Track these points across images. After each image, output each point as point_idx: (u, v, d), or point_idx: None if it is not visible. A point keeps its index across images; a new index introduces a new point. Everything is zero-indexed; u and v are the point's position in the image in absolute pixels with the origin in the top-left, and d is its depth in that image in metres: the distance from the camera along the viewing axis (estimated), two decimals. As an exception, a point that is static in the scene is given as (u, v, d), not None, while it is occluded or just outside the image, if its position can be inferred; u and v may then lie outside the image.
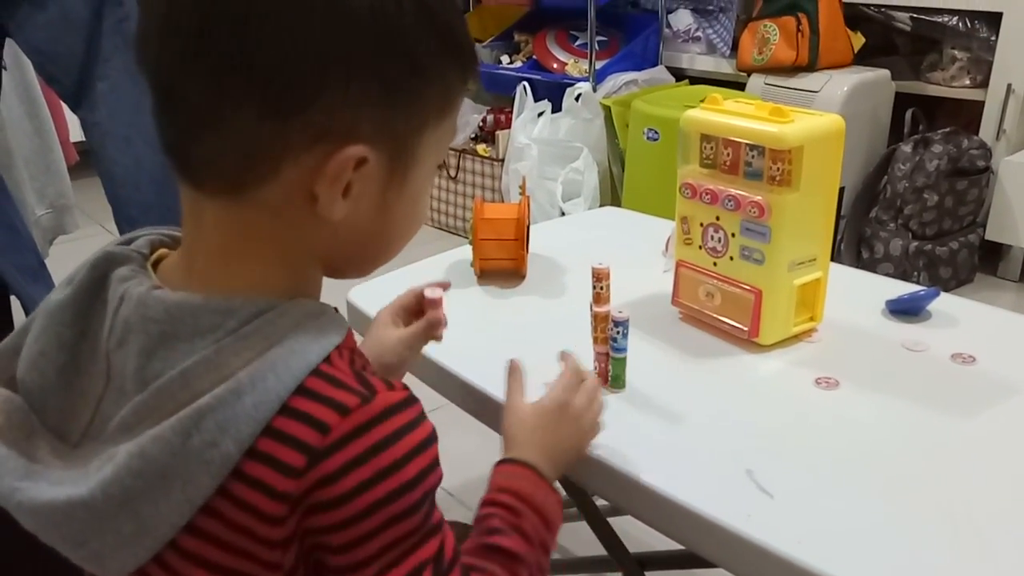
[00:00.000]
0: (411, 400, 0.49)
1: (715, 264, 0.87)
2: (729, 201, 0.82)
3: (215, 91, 0.45)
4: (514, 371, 0.70)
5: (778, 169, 0.79)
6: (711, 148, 0.85)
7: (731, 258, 0.85)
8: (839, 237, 2.24)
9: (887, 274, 2.13)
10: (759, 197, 0.80)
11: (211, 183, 0.49)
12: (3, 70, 1.58)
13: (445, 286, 0.76)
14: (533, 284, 1.04)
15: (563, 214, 2.41)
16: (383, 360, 0.73)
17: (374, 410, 0.46)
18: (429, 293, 0.74)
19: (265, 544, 0.46)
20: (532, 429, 0.66)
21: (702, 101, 0.88)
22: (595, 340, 0.78)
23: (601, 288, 0.77)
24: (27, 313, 1.60)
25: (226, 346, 0.46)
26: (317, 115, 0.46)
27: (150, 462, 0.44)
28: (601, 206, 2.44)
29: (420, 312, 0.76)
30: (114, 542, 0.46)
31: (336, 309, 0.52)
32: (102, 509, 0.45)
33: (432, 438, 0.49)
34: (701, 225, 0.87)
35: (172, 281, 0.51)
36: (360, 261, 0.55)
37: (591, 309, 0.78)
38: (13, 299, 1.60)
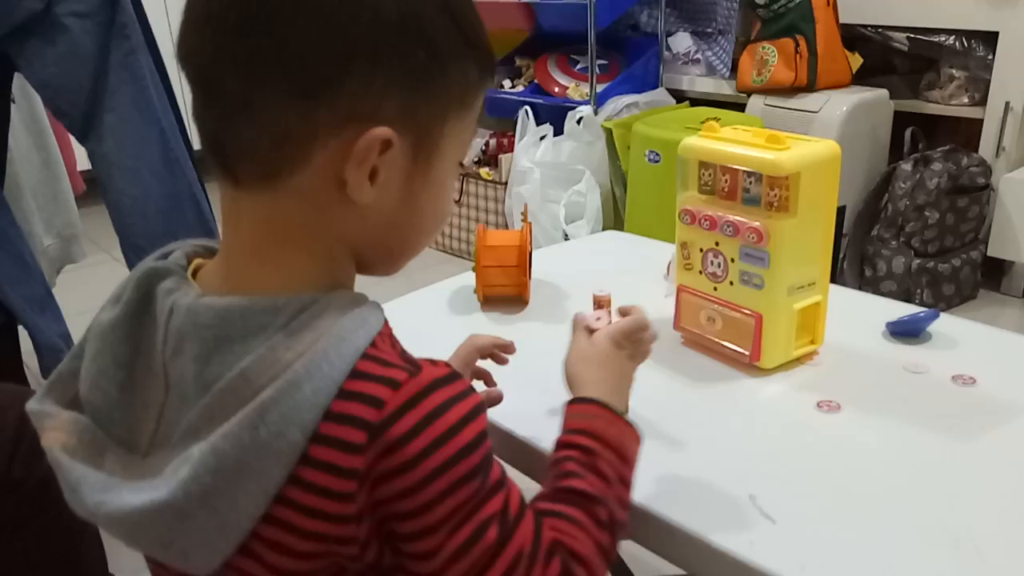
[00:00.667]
0: (456, 375, 0.51)
1: (715, 289, 0.88)
2: (728, 227, 0.83)
3: (248, 78, 0.48)
4: (578, 319, 0.73)
5: (776, 195, 0.80)
6: (709, 175, 0.86)
7: (731, 283, 0.86)
8: (842, 255, 2.25)
9: (890, 291, 2.14)
10: (757, 223, 0.81)
11: (246, 173, 0.51)
12: (12, 103, 1.60)
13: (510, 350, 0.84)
14: (536, 310, 1.05)
15: (566, 236, 2.43)
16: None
17: (422, 382, 0.48)
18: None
19: (338, 521, 0.48)
20: (596, 364, 0.69)
21: (703, 123, 0.90)
22: None
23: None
24: (35, 343, 1.62)
25: (278, 343, 0.48)
26: (344, 98, 0.49)
27: (224, 458, 0.47)
28: (604, 227, 2.46)
29: (495, 355, 0.84)
30: (199, 539, 0.48)
31: (369, 298, 0.54)
32: (184, 508, 0.47)
33: (482, 407, 0.51)
34: (701, 250, 0.88)
35: (212, 286, 0.54)
36: (388, 252, 0.57)
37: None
38: (21, 328, 1.62)
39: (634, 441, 0.65)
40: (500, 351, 0.84)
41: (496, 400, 0.81)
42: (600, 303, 0.78)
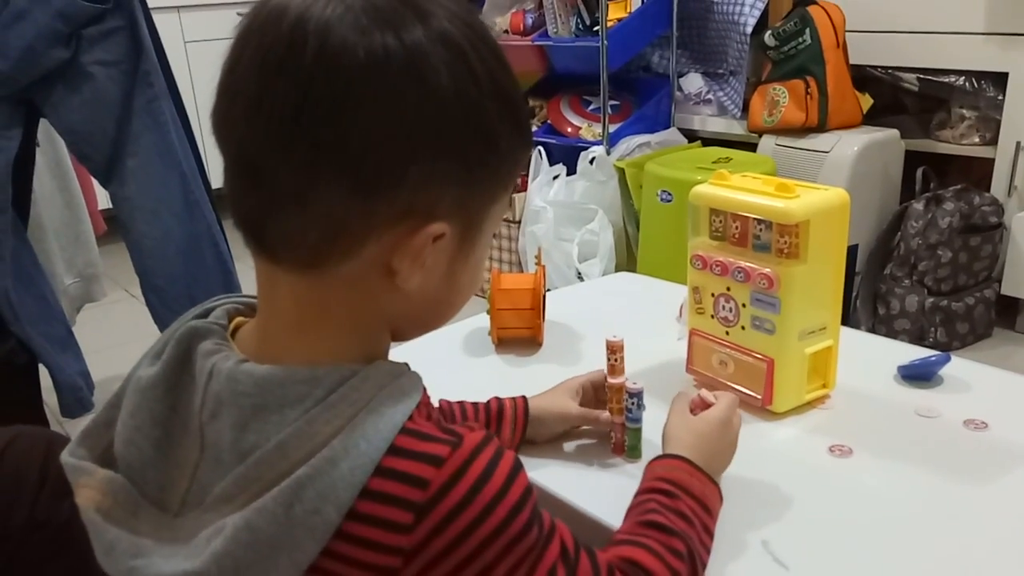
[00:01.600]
0: (491, 436, 0.51)
1: (727, 333, 0.89)
2: (739, 273, 0.84)
3: (305, 172, 0.47)
4: (683, 395, 0.76)
5: (785, 242, 0.81)
6: (720, 221, 0.87)
7: (743, 327, 0.87)
8: (854, 294, 2.25)
9: (903, 330, 2.14)
10: (768, 269, 0.82)
11: (288, 258, 0.51)
12: (37, 147, 1.64)
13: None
14: (550, 352, 1.06)
15: (579, 274, 2.44)
16: (541, 416, 0.81)
17: (465, 452, 0.48)
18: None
19: None
20: (697, 435, 0.70)
21: (714, 162, 0.91)
22: (611, 411, 0.80)
23: (615, 360, 0.79)
24: (55, 381, 1.64)
25: (316, 416, 0.48)
26: (404, 193, 0.48)
27: (257, 533, 0.47)
28: (616, 266, 2.47)
29: (596, 395, 0.84)
30: None
31: (408, 366, 0.55)
32: None
33: (519, 463, 0.51)
34: (712, 295, 0.89)
35: (250, 349, 0.53)
36: (424, 324, 0.58)
37: (606, 380, 0.80)
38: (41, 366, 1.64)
39: (716, 498, 0.67)
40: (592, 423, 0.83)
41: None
42: (613, 348, 0.79)
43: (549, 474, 0.78)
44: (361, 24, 0.46)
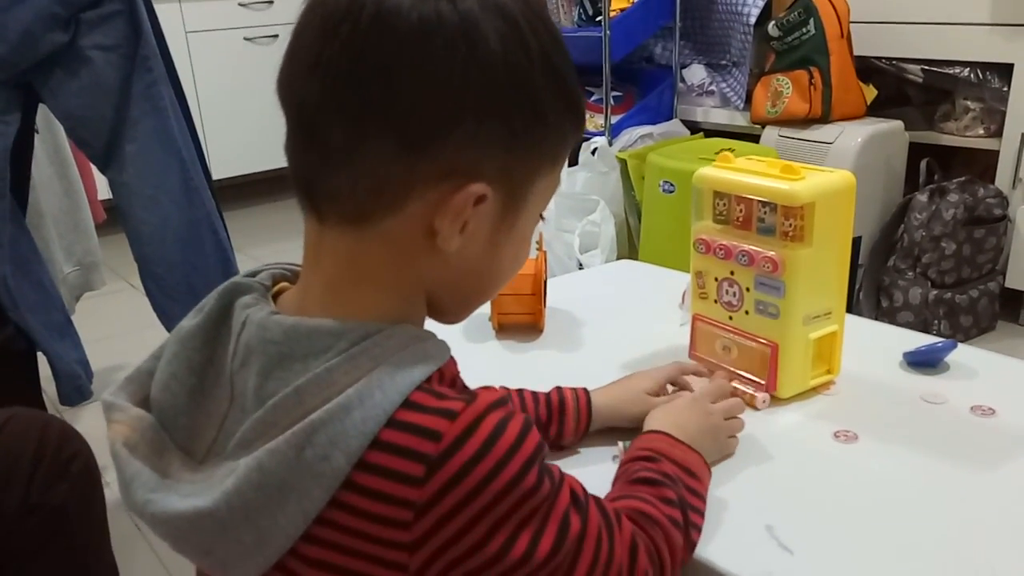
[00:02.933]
0: (506, 398, 0.51)
1: (731, 318, 0.87)
2: (743, 256, 0.83)
3: (355, 128, 0.49)
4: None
5: (791, 225, 0.80)
6: (724, 204, 0.86)
7: (746, 312, 0.86)
8: (858, 286, 2.24)
9: (907, 322, 2.13)
10: (772, 253, 0.81)
11: (336, 214, 0.52)
12: (36, 133, 1.63)
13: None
14: (550, 338, 1.05)
15: (581, 266, 2.43)
16: (610, 414, 0.80)
17: (479, 408, 0.49)
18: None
19: (388, 545, 0.48)
20: (664, 411, 0.75)
21: (717, 154, 0.90)
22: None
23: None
24: (53, 369, 1.63)
25: (336, 366, 0.49)
26: (448, 153, 0.50)
27: (268, 475, 0.47)
28: (618, 257, 2.46)
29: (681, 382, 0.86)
30: (237, 551, 0.49)
31: (435, 335, 0.55)
32: (226, 520, 0.48)
33: (531, 421, 0.51)
34: (716, 280, 0.88)
35: (288, 309, 0.54)
36: (463, 298, 0.59)
37: None
38: (40, 355, 1.63)
39: (701, 465, 0.69)
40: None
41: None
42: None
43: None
44: None
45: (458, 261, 0.53)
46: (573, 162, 2.59)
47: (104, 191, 2.01)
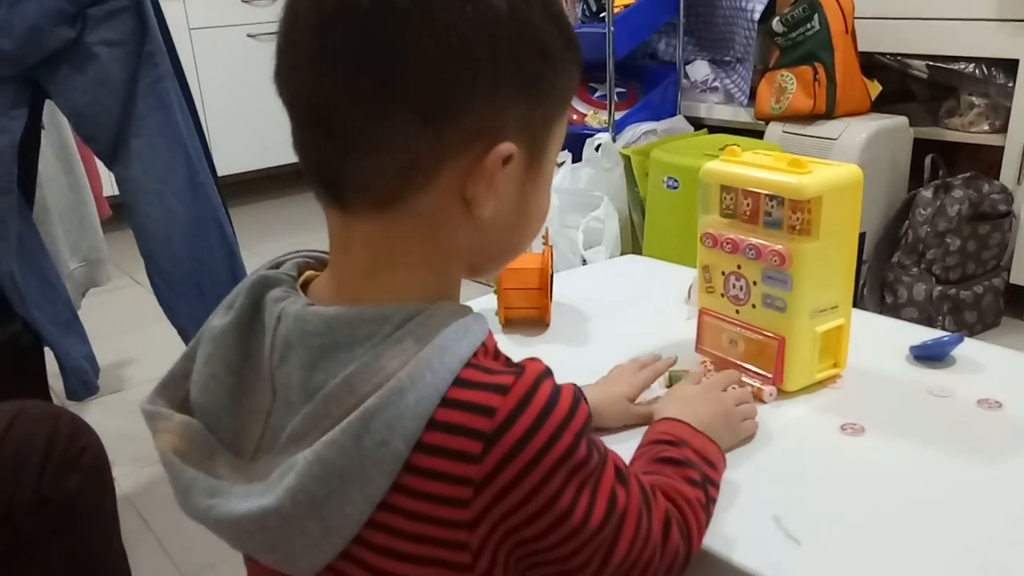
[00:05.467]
0: (550, 368, 0.51)
1: (737, 312, 0.88)
2: (750, 250, 0.83)
3: (377, 114, 0.48)
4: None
5: (798, 219, 0.80)
6: (731, 198, 0.86)
7: (753, 306, 0.86)
8: (862, 282, 2.24)
9: (911, 319, 2.13)
10: (780, 246, 0.81)
11: (364, 202, 0.51)
12: (42, 129, 1.64)
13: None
14: (557, 332, 1.05)
15: (585, 262, 2.43)
16: (598, 410, 0.77)
17: (529, 380, 0.49)
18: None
19: (449, 526, 0.49)
20: (677, 400, 0.76)
21: (721, 150, 0.90)
22: None
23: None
24: (60, 364, 1.64)
25: (383, 351, 0.49)
26: (472, 114, 0.49)
27: (329, 467, 0.47)
28: (622, 253, 2.46)
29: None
30: (304, 544, 0.49)
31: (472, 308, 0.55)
32: (291, 515, 0.48)
33: (581, 390, 0.52)
34: (723, 274, 0.88)
35: (322, 299, 0.54)
36: (500, 255, 0.59)
37: None
38: (47, 350, 1.64)
39: (718, 455, 0.70)
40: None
41: None
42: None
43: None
44: None
45: (491, 224, 0.53)
46: (577, 158, 2.59)
47: (110, 187, 2.02)
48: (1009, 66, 2.15)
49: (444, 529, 0.49)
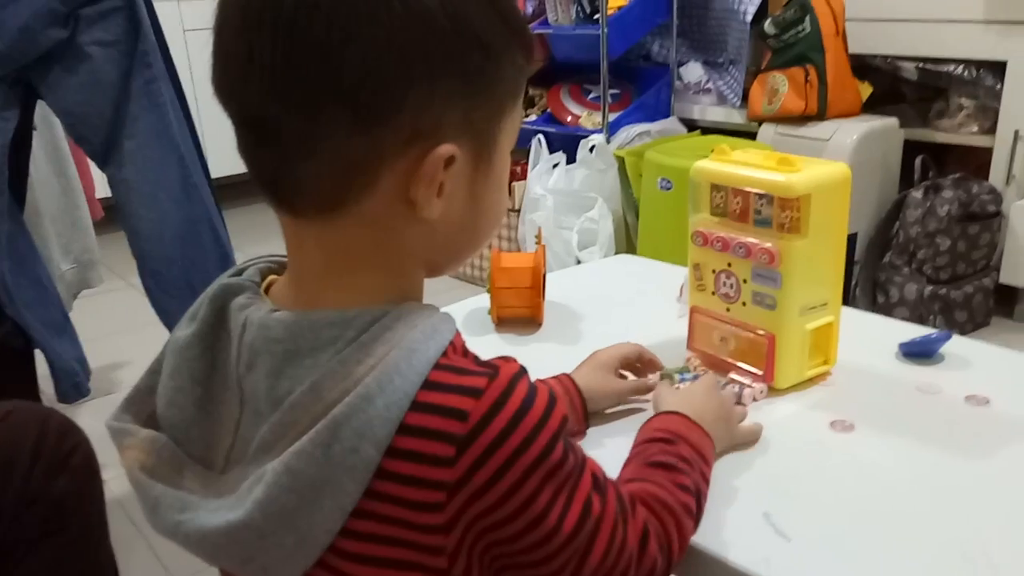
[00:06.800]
0: (524, 368, 0.51)
1: (728, 309, 0.88)
2: (740, 248, 0.84)
3: (308, 116, 0.47)
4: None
5: (787, 216, 0.81)
6: (721, 197, 0.87)
7: (744, 303, 0.86)
8: (854, 282, 2.25)
9: (903, 318, 2.13)
10: (769, 244, 0.82)
11: (309, 207, 0.50)
12: (34, 130, 1.63)
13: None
14: (550, 331, 1.05)
15: (579, 262, 2.43)
16: (592, 392, 0.81)
17: (503, 382, 0.48)
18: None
19: (423, 530, 0.48)
20: (680, 395, 0.75)
21: (714, 151, 0.91)
22: None
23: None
24: (51, 366, 1.63)
25: (348, 356, 0.48)
26: (407, 117, 0.48)
27: (298, 476, 0.47)
28: (616, 254, 2.47)
29: (634, 366, 0.86)
30: (278, 555, 0.48)
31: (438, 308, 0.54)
32: (263, 527, 0.48)
33: (554, 395, 0.51)
34: (713, 272, 0.88)
35: (282, 302, 0.54)
36: (457, 254, 0.57)
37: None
38: (38, 353, 1.63)
39: (711, 450, 0.70)
40: (644, 366, 0.87)
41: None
42: None
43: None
44: None
45: (443, 224, 0.52)
46: (571, 160, 2.60)
47: (102, 189, 2.01)
48: (997, 68, 2.17)
49: (419, 533, 0.48)
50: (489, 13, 0.50)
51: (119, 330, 2.38)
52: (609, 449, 0.75)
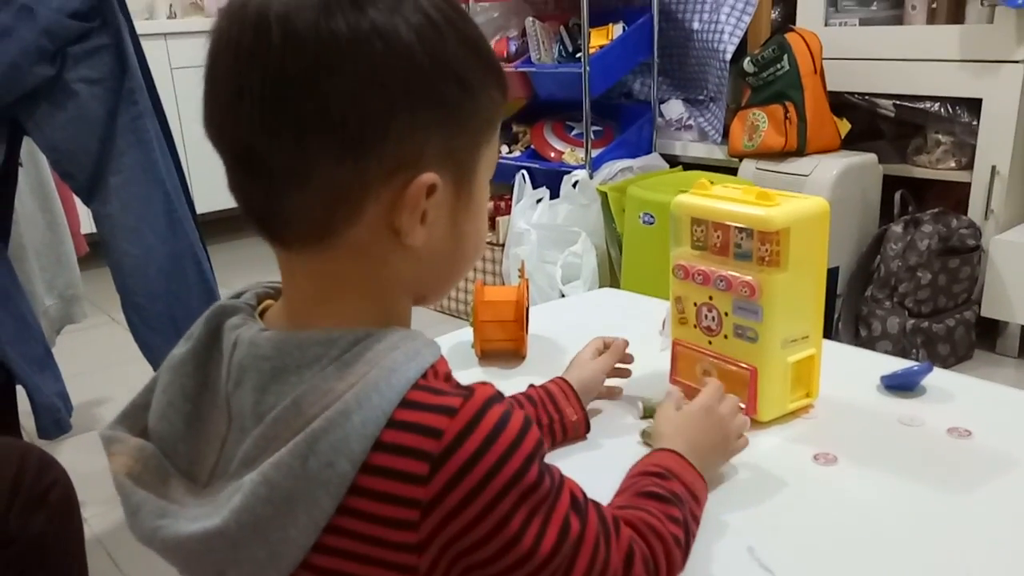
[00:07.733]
0: (501, 393, 0.51)
1: (710, 342, 0.89)
2: (721, 281, 0.85)
3: (295, 147, 0.49)
4: (672, 392, 0.82)
5: (767, 250, 0.82)
6: (702, 231, 0.88)
7: (725, 336, 0.87)
8: (836, 316, 2.27)
9: (885, 351, 2.15)
10: (749, 277, 0.83)
11: (298, 239, 0.53)
12: (19, 166, 1.64)
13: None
14: (533, 364, 1.06)
15: (563, 296, 2.44)
16: (584, 381, 0.88)
17: (477, 403, 0.49)
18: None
19: (397, 548, 0.48)
20: (678, 426, 0.75)
21: (694, 186, 0.92)
22: None
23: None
24: (32, 403, 1.62)
25: (331, 373, 0.50)
26: (390, 147, 0.50)
27: (274, 488, 0.48)
28: (600, 288, 2.48)
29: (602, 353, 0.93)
30: (250, 568, 0.49)
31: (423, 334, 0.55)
32: (236, 537, 0.48)
33: (530, 419, 0.52)
34: (695, 305, 0.89)
35: (275, 325, 0.55)
36: (441, 281, 0.59)
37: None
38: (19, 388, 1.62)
39: (704, 491, 0.70)
40: (622, 363, 0.94)
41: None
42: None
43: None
44: (316, 1, 0.49)
45: (427, 252, 0.54)
46: (555, 195, 2.62)
47: (87, 224, 2.01)
48: (973, 105, 2.21)
49: (392, 552, 0.48)
50: (464, 51, 0.52)
51: (103, 365, 2.35)
52: (608, 449, 0.75)
